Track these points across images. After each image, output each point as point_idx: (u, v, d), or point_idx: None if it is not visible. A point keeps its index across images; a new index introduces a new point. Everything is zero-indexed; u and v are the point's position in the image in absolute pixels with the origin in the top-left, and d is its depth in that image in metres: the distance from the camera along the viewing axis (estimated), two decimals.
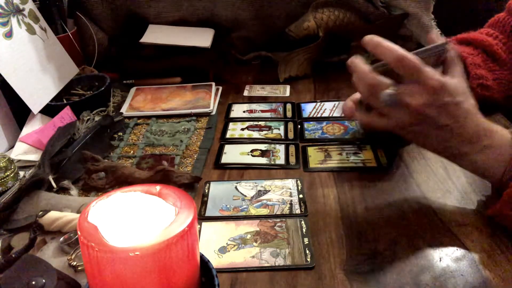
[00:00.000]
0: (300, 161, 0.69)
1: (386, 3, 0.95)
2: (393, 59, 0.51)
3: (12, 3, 0.79)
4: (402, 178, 0.64)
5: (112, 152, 0.75)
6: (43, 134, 0.74)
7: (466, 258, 0.49)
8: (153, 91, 0.94)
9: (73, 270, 0.50)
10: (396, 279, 0.47)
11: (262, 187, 0.64)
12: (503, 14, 0.78)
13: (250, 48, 1.07)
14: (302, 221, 0.56)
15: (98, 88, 0.89)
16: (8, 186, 0.64)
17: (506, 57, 0.73)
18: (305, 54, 0.95)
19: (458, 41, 0.77)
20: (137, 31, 1.00)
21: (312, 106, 0.86)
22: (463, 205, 0.58)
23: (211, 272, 0.41)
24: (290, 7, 1.01)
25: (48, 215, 0.56)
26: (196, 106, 0.86)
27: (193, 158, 0.72)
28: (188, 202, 0.37)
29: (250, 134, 0.78)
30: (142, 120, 0.85)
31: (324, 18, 0.94)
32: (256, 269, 0.50)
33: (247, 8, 1.00)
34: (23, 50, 0.79)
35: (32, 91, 0.78)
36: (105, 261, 0.33)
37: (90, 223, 0.34)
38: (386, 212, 0.57)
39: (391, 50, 0.51)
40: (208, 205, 0.61)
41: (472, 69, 0.71)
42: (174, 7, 1.01)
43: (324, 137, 0.75)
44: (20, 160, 0.72)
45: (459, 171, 0.62)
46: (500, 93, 0.73)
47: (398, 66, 0.51)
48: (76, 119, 0.81)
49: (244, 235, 0.55)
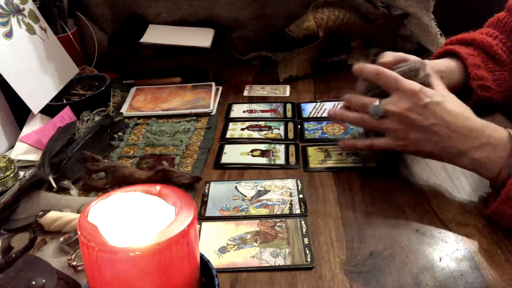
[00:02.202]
0: (300, 161, 0.69)
1: (386, 3, 0.95)
2: (373, 75, 0.60)
3: (12, 3, 0.79)
4: (402, 178, 0.64)
5: (112, 152, 0.75)
6: (43, 134, 0.74)
7: (466, 258, 0.49)
8: (153, 91, 0.94)
9: (73, 270, 0.50)
10: (396, 279, 0.47)
11: (262, 187, 0.64)
12: (503, 14, 0.78)
13: (250, 48, 1.07)
14: (302, 221, 0.56)
15: (98, 88, 0.89)
16: (8, 186, 0.64)
17: (506, 57, 0.73)
18: (305, 54, 0.95)
19: (458, 41, 0.77)
20: (137, 31, 1.00)
21: (312, 106, 0.86)
22: (463, 205, 0.58)
23: (211, 272, 0.41)
24: (290, 7, 1.01)
25: (48, 215, 0.56)
26: (196, 106, 0.86)
27: (193, 158, 0.72)
28: (188, 202, 0.37)
29: (250, 134, 0.78)
30: (142, 120, 0.85)
31: (324, 18, 0.94)
32: (256, 269, 0.50)
33: (247, 8, 1.00)
34: (23, 50, 0.79)
35: (32, 91, 0.78)
36: (105, 261, 0.33)
37: (90, 223, 0.34)
38: (386, 212, 0.57)
39: (371, 68, 0.61)
40: (208, 205, 0.61)
41: (472, 70, 0.71)
42: (174, 7, 1.01)
43: (324, 137, 0.76)
44: (20, 160, 0.72)
45: (459, 171, 0.62)
46: (500, 93, 0.73)
47: (378, 79, 0.60)
48: (76, 119, 0.81)
49: (244, 235, 0.55)
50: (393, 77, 0.58)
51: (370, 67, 0.61)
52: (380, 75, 0.59)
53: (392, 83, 0.58)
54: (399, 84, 0.58)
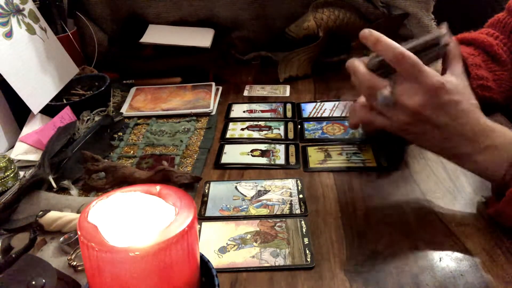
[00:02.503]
0: (300, 161, 0.69)
1: (386, 3, 0.95)
2: (392, 57, 0.51)
3: (12, 3, 0.79)
4: (402, 178, 0.64)
5: (112, 152, 0.75)
6: (43, 134, 0.74)
7: (466, 258, 0.49)
8: (153, 91, 0.94)
9: (73, 270, 0.50)
10: (396, 279, 0.47)
11: (262, 187, 0.64)
12: (503, 14, 0.77)
13: (250, 48, 1.07)
14: (302, 221, 0.56)
15: (98, 88, 0.89)
16: (8, 186, 0.64)
17: (506, 57, 0.73)
18: (305, 54, 0.95)
19: (458, 41, 0.77)
20: (137, 31, 1.00)
21: (312, 106, 0.86)
22: (463, 205, 0.58)
23: (211, 272, 0.41)
24: (290, 7, 1.01)
25: (48, 215, 0.56)
26: (196, 106, 0.86)
27: (193, 158, 0.72)
28: (188, 202, 0.37)
29: (250, 134, 0.78)
30: (142, 120, 0.85)
31: (324, 18, 0.94)
32: (256, 269, 0.50)
33: (247, 8, 1.00)
34: (23, 50, 0.79)
35: (32, 91, 0.78)
36: (105, 261, 0.33)
37: (90, 223, 0.34)
38: (386, 212, 0.57)
39: (391, 47, 0.51)
40: (208, 205, 0.61)
41: (473, 69, 0.71)
42: (174, 7, 1.01)
43: (324, 137, 0.75)
44: (20, 160, 0.72)
45: (459, 171, 0.62)
46: (501, 93, 0.73)
47: (397, 64, 0.51)
48: (76, 119, 0.81)
49: (244, 235, 0.55)
50: (415, 64, 0.50)
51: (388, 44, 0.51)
52: (399, 60, 0.50)
53: (412, 72, 0.51)
54: (420, 75, 0.50)
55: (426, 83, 0.50)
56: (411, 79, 0.51)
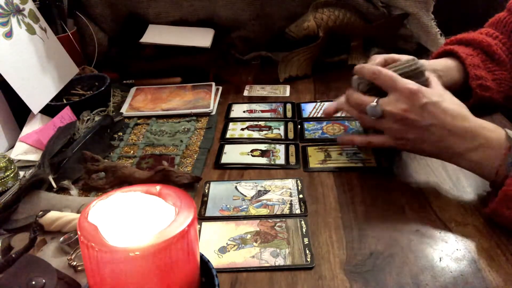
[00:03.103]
0: (300, 161, 0.69)
1: (386, 3, 0.95)
2: (371, 74, 0.60)
3: (12, 3, 0.79)
4: (402, 178, 0.64)
5: (112, 152, 0.75)
6: (43, 134, 0.74)
7: (466, 258, 0.49)
8: (153, 91, 0.94)
9: (73, 270, 0.50)
10: (396, 279, 0.47)
11: (262, 187, 0.64)
12: (503, 14, 0.78)
13: (250, 48, 1.07)
14: (302, 221, 0.56)
15: (98, 88, 0.89)
16: (8, 186, 0.64)
17: (505, 57, 0.73)
18: (305, 54, 0.95)
19: (457, 41, 0.77)
20: (137, 31, 1.00)
21: (312, 106, 0.86)
22: (463, 205, 0.58)
23: (211, 272, 0.41)
24: (290, 7, 1.01)
25: (48, 215, 0.56)
26: (196, 106, 0.86)
27: (193, 158, 0.72)
28: (188, 202, 0.37)
29: (250, 134, 0.78)
30: (142, 120, 0.85)
31: (324, 18, 0.94)
32: (256, 269, 0.50)
33: (247, 8, 1.00)
34: (23, 50, 0.79)
35: (32, 91, 0.78)
36: (105, 261, 0.33)
37: (90, 223, 0.34)
38: (386, 212, 0.57)
39: (368, 68, 0.61)
40: (208, 205, 0.61)
41: (471, 69, 0.71)
42: (174, 7, 1.01)
43: (324, 137, 0.76)
44: (20, 160, 0.72)
45: (459, 171, 0.62)
46: (500, 93, 0.73)
47: (375, 79, 0.60)
48: (76, 119, 0.81)
49: (244, 235, 0.55)
50: (390, 76, 0.58)
51: (367, 66, 0.61)
52: (377, 75, 0.59)
53: (389, 82, 0.58)
54: (396, 83, 0.57)
55: (404, 89, 0.57)
56: (391, 89, 0.58)
